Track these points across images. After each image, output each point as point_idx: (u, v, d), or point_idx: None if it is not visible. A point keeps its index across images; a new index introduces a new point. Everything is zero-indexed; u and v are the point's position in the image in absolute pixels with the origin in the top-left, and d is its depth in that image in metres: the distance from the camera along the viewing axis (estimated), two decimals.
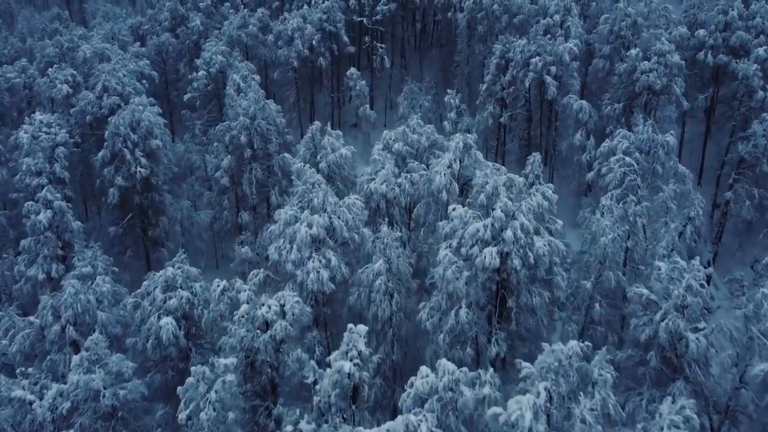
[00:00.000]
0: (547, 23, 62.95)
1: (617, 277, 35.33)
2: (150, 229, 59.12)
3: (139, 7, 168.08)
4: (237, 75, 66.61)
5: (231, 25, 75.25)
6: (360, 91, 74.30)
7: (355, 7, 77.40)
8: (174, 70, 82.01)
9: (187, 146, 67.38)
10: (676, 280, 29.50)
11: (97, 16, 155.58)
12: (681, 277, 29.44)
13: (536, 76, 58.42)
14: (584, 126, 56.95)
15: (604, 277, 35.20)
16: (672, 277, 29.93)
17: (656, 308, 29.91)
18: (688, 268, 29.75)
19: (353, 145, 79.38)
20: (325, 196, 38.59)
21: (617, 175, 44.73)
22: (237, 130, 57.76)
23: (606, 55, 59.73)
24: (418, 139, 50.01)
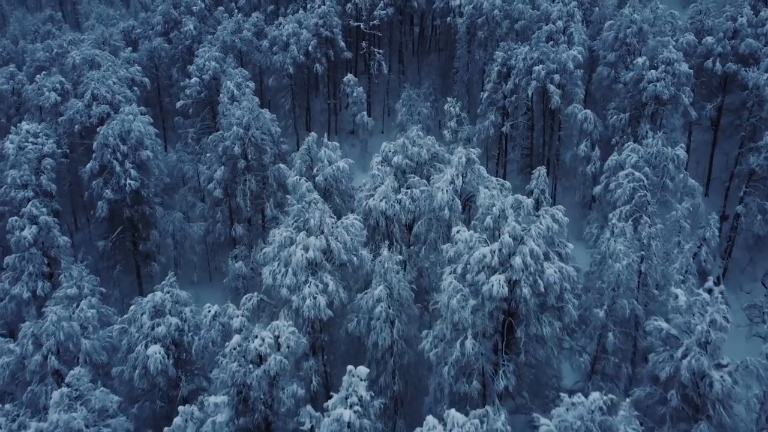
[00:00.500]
0: (550, 29, 60.73)
1: (632, 305, 33.17)
2: (140, 242, 56.74)
3: (133, 9, 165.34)
4: (231, 82, 64.31)
5: (225, 30, 72.81)
6: (357, 98, 72.02)
7: (352, 12, 75.09)
8: (167, 76, 79.59)
9: (179, 155, 64.99)
10: (699, 314, 27.33)
11: (90, 17, 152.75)
12: (704, 311, 27.28)
13: (539, 85, 56.24)
14: (589, 136, 54.79)
15: (617, 305, 33.04)
16: (693, 310, 27.76)
17: (676, 343, 27.75)
18: (711, 300, 27.58)
19: (350, 152, 77.43)
20: (321, 217, 36.31)
21: (626, 190, 42.56)
22: (230, 140, 55.42)
23: (611, 63, 57.52)
24: (418, 151, 47.80)
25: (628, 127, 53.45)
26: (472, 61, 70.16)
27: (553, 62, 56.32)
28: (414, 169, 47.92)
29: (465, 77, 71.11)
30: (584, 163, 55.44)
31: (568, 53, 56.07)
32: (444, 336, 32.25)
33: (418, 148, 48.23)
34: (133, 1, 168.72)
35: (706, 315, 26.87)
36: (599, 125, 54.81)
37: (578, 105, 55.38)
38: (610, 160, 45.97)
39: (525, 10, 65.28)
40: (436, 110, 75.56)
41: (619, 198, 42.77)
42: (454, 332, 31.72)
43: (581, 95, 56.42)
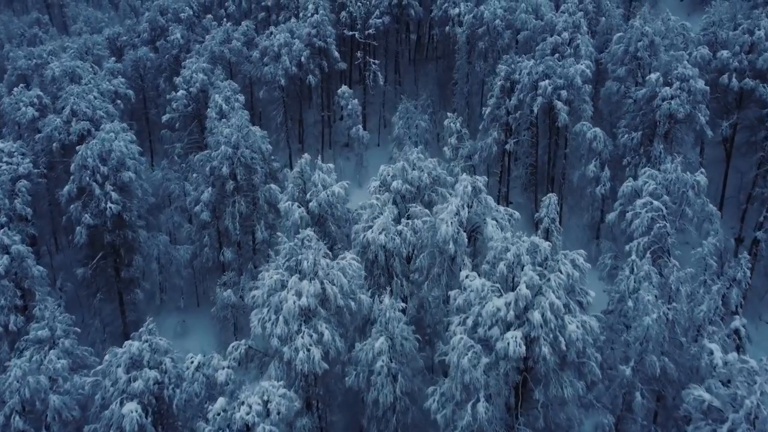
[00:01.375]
0: (555, 41, 57.09)
1: (662, 362, 29.62)
2: (123, 269, 52.83)
3: (122, 11, 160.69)
4: (219, 96, 60.47)
5: (213, 40, 68.78)
6: (352, 110, 68.24)
7: (346, 21, 71.20)
8: (153, 86, 75.55)
9: (165, 173, 60.97)
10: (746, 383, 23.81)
11: (78, 21, 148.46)
12: (751, 380, 23.76)
13: (545, 101, 52.58)
14: (598, 156, 51.22)
15: (646, 361, 29.48)
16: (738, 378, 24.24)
17: (720, 416, 24.25)
18: (759, 368, 24.05)
19: (345, 166, 73.71)
20: (316, 258, 32.55)
21: (644, 221, 39.17)
22: (218, 160, 51.55)
23: (620, 78, 53.93)
24: (419, 175, 44.15)
25: (640, 146, 49.90)
26: (472, 72, 66.44)
27: (559, 77, 52.70)
28: (414, 195, 44.29)
29: (465, 89, 67.38)
30: (593, 184, 51.89)
31: (576, 68, 52.44)
32: (453, 396, 28.62)
33: (418, 171, 44.58)
34: (122, 4, 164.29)
35: (754, 386, 23.32)
36: (609, 144, 51.26)
37: (587, 123, 51.80)
38: (625, 186, 42.42)
39: (528, 21, 61.57)
40: (435, 123, 71.87)
41: (636, 229, 39.41)
42: (465, 393, 28.10)
43: (590, 112, 52.81)
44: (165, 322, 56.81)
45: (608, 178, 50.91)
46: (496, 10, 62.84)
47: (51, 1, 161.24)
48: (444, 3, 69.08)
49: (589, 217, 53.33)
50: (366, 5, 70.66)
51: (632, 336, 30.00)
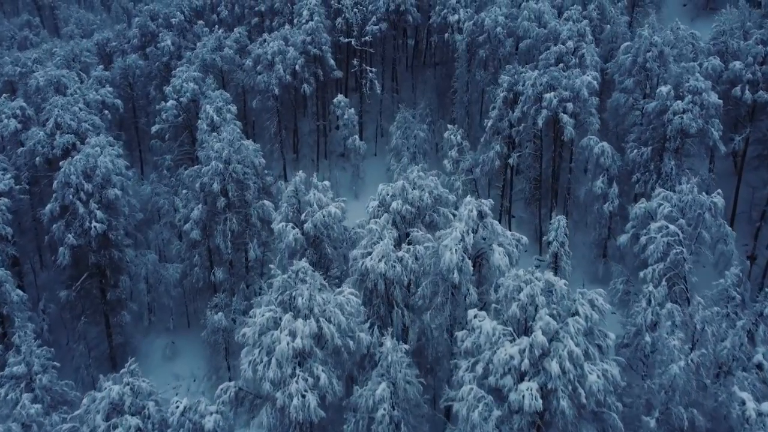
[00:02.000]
0: (559, 50, 54.44)
1: (690, 414, 27.04)
2: (109, 290, 50.02)
3: (114, 13, 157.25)
4: (210, 107, 57.66)
5: (204, 47, 65.85)
6: (348, 120, 65.52)
7: (342, 27, 68.35)
8: (143, 94, 72.59)
9: (154, 187, 58.07)
10: None
11: (69, 23, 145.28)
12: None
13: (550, 114, 49.94)
14: (606, 171, 48.62)
15: (672, 412, 26.88)
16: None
17: None
18: None
19: (341, 177, 70.96)
20: (311, 294, 29.81)
21: (660, 246, 36.55)
22: (208, 176, 48.73)
23: (628, 89, 51.31)
24: (419, 195, 41.43)
25: (650, 162, 47.32)
26: (472, 81, 63.72)
27: (565, 89, 50.04)
28: (414, 216, 41.61)
29: (464, 98, 64.65)
30: (600, 201, 49.29)
31: (582, 79, 49.79)
32: None
33: (419, 191, 41.88)
34: (114, 6, 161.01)
35: None
36: (617, 159, 48.65)
37: (594, 137, 49.17)
38: (638, 208, 39.80)
39: (531, 29, 58.88)
40: (433, 132, 69.17)
41: (651, 255, 36.76)
42: None
43: (596, 125, 50.19)
44: (154, 343, 54.13)
45: (616, 194, 48.33)
46: (497, 17, 60.18)
47: (42, 3, 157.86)
48: (443, 9, 66.35)
49: (596, 235, 50.73)
50: (362, 11, 67.88)
51: (656, 383, 27.43)
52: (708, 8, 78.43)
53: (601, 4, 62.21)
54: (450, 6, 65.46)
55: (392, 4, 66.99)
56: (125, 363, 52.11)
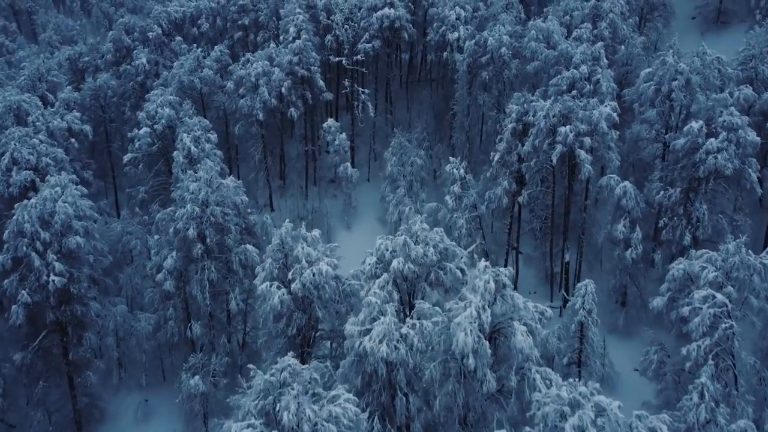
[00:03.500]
0: (572, 76, 48.73)
1: None
2: (72, 348, 43.73)
3: (95, 19, 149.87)
4: (187, 136, 51.50)
5: (182, 68, 59.43)
6: (339, 146, 59.53)
7: (332, 45, 62.18)
8: (118, 114, 66.17)
9: (125, 226, 51.69)
10: None
11: (47, 29, 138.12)
12: None
13: (565, 149, 44.19)
14: (628, 214, 42.98)
15: None
16: None
17: None
18: None
19: (332, 205, 64.81)
20: (299, 406, 23.80)
21: (706, 320, 30.93)
22: (183, 221, 42.62)
23: (650, 121, 45.70)
24: (423, 251, 35.56)
25: (678, 206, 41.71)
26: (473, 104, 57.87)
27: (581, 121, 44.32)
28: (418, 275, 35.81)
29: (465, 122, 58.73)
30: (621, 246, 43.64)
31: (601, 110, 44.06)
32: None
33: (423, 245, 36.05)
34: (94, 11, 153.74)
35: None
36: (641, 200, 43.01)
37: (614, 176, 43.51)
38: (676, 270, 34.15)
39: (539, 50, 53.12)
40: (431, 157, 63.33)
41: (696, 329, 31.12)
42: None
43: (617, 162, 44.51)
44: (124, 402, 47.82)
45: (640, 240, 42.73)
46: (501, 36, 54.35)
47: (19, 8, 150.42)
48: (441, 26, 60.39)
49: (616, 283, 45.07)
50: (354, 28, 61.78)
51: None
52: (719, 22, 73.14)
53: (613, 21, 56.56)
54: (449, 23, 59.51)
55: (386, 20, 60.92)
56: (92, 427, 46.75)
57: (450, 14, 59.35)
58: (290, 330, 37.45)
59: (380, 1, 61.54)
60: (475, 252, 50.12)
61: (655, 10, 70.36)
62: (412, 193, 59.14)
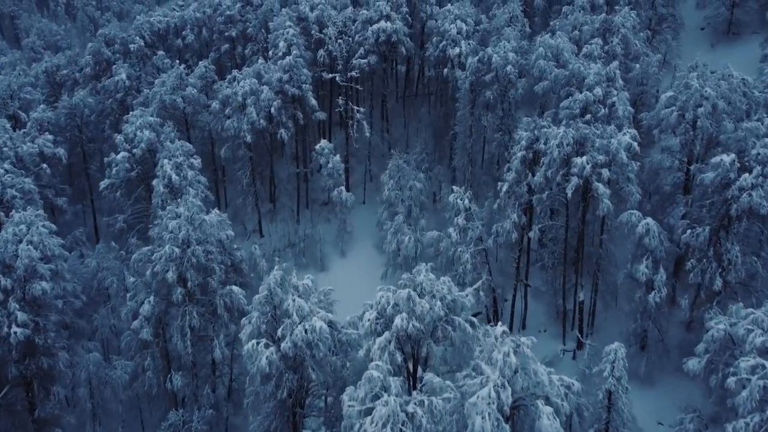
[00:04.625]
0: (586, 99, 44.52)
1: None
2: (38, 404, 39.14)
3: (81, 23, 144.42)
4: (168, 162, 47.04)
5: (163, 86, 54.72)
6: (333, 169, 55.06)
7: (325, 61, 57.64)
8: (97, 131, 61.41)
9: (100, 261, 47.00)
10: None
11: (31, 33, 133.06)
12: None
13: (581, 182, 39.91)
14: (650, 254, 38.76)
15: None
16: None
17: None
18: None
19: (326, 229, 60.21)
20: None
21: (755, 393, 26.74)
22: (162, 263, 38.11)
23: (672, 150, 41.53)
24: (430, 306, 31.25)
25: (708, 246, 37.53)
26: (476, 124, 53.56)
27: (598, 150, 40.06)
28: (423, 333, 31.49)
29: (467, 144, 54.39)
30: (643, 289, 39.42)
31: (620, 139, 39.81)
32: None
33: (428, 297, 31.76)
34: (79, 15, 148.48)
35: None
36: (664, 239, 38.78)
37: (635, 212, 39.20)
38: (716, 330, 29.93)
39: (548, 68, 48.84)
40: (430, 179, 58.98)
41: (743, 404, 26.94)
42: None
43: (637, 196, 40.25)
44: None
45: (664, 282, 38.51)
46: (507, 53, 50.04)
47: (1, 12, 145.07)
48: (441, 41, 56.01)
49: (636, 327, 40.85)
50: (348, 42, 57.25)
51: None
52: (730, 33, 69.18)
53: (626, 37, 52.36)
54: (450, 37, 55.14)
55: (382, 34, 56.48)
56: None
57: (451, 28, 54.99)
58: (280, 393, 33.05)
59: (376, 14, 57.08)
60: (482, 289, 46.24)
61: (664, 21, 66.47)
62: (411, 219, 54.76)
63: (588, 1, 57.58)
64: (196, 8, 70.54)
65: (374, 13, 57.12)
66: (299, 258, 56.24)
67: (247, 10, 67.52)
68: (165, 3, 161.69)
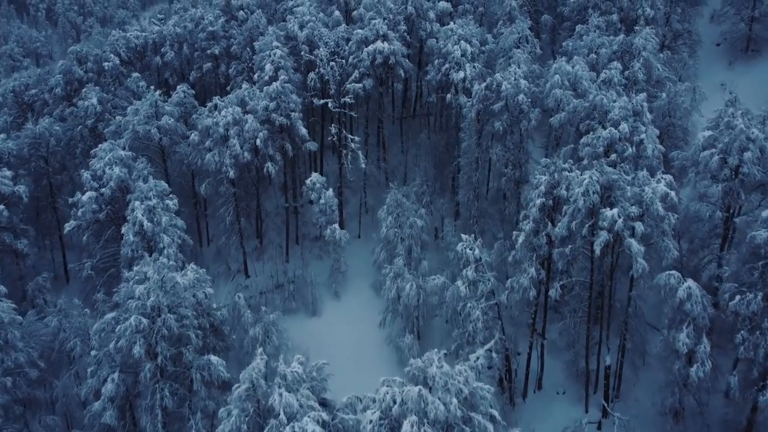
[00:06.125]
0: (611, 136, 38.77)
1: None
2: None
3: (62, 29, 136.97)
4: (140, 206, 40.89)
5: (136, 115, 48.39)
6: (326, 205, 48.98)
7: (316, 85, 51.46)
8: (69, 158, 55.07)
9: (61, 320, 40.65)
10: None
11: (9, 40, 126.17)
12: None
13: (611, 236, 34.16)
14: (692, 321, 33.14)
15: None
16: None
17: None
18: None
19: (318, 267, 53.94)
20: None
21: None
22: (127, 336, 32.09)
23: (713, 199, 35.87)
24: (444, 406, 25.49)
25: (762, 316, 31.90)
26: (482, 156, 47.70)
27: (630, 200, 34.34)
28: None
29: (473, 177, 48.44)
30: (683, 360, 33.78)
31: (656, 189, 34.07)
32: None
33: (442, 393, 26.02)
34: (60, 21, 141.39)
35: None
36: (708, 305, 33.15)
37: (674, 272, 33.51)
38: None
39: (565, 98, 43.06)
40: (431, 212, 53.12)
41: None
42: None
43: (675, 252, 34.56)
44: None
45: (708, 354, 32.91)
46: (518, 80, 44.13)
47: None
48: (444, 64, 49.97)
49: (673, 401, 35.18)
50: (341, 65, 51.14)
51: None
52: (749, 50, 63.66)
53: (648, 61, 46.66)
54: (453, 59, 49.12)
55: (379, 56, 50.39)
56: None
57: (454, 50, 49.00)
58: None
59: (371, 34, 50.98)
60: (494, 349, 40.48)
61: (680, 37, 60.86)
62: (411, 259, 48.85)
63: (604, 20, 51.84)
64: (177, 23, 64.11)
65: (370, 32, 51.04)
66: (288, 302, 50.27)
67: (232, 25, 61.21)
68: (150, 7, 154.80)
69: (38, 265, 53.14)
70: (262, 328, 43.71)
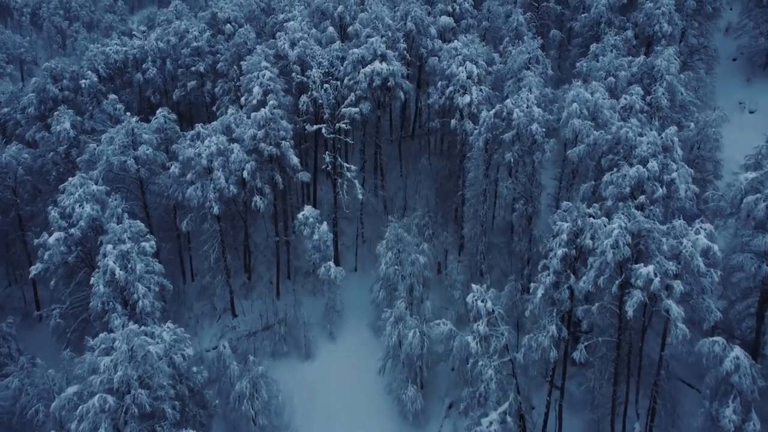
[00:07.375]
0: (639, 175, 34.08)
1: None
2: None
3: (47, 34, 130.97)
4: (113, 250, 35.88)
5: (111, 144, 43.28)
6: (320, 240, 44.11)
7: (309, 109, 46.49)
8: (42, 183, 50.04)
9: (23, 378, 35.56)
10: None
11: None
12: None
13: (645, 296, 29.49)
14: (739, 394, 28.58)
15: None
16: None
17: None
18: None
19: (312, 306, 49.26)
20: None
21: None
22: (90, 418, 27.19)
23: (756, 253, 31.25)
24: None
25: None
26: (491, 188, 43.01)
27: (666, 254, 29.69)
28: None
29: (480, 210, 43.72)
30: None
31: (696, 241, 29.43)
32: None
33: None
34: (46, 26, 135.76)
35: None
36: (758, 377, 28.59)
37: (719, 339, 28.87)
38: None
39: (585, 130, 38.29)
40: (434, 245, 48.33)
41: None
42: None
43: (717, 314, 29.92)
44: None
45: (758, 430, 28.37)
46: (531, 108, 39.39)
47: None
48: (447, 86, 45.15)
49: None
50: (335, 87, 46.22)
51: None
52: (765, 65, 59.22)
53: (671, 84, 42.00)
54: (458, 82, 44.31)
55: (377, 77, 45.49)
56: None
57: (459, 72, 44.17)
58: None
59: (369, 53, 46.06)
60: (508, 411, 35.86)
61: (696, 53, 56.28)
62: (413, 299, 44.14)
63: (620, 39, 47.17)
64: (160, 36, 58.97)
65: (367, 51, 46.12)
66: (279, 345, 45.46)
67: (218, 40, 56.16)
68: (138, 11, 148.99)
69: (7, 303, 48.12)
70: (250, 382, 38.87)
